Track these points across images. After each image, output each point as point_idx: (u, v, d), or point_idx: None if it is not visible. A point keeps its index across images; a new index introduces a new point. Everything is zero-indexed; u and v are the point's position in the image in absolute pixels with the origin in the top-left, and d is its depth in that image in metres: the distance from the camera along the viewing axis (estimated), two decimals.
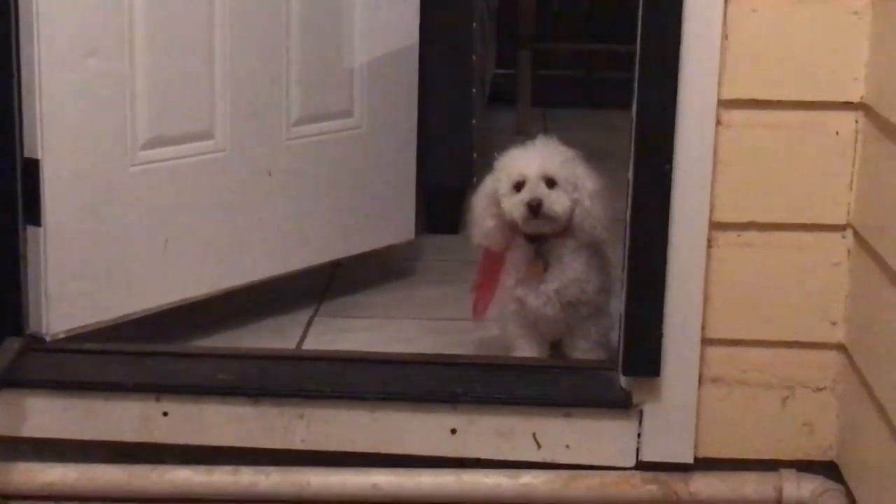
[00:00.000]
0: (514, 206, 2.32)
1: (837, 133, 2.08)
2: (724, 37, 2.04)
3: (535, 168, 2.33)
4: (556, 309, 2.40)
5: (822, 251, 2.12)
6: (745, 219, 2.11)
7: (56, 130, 2.30)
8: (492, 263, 2.46)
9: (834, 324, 2.14)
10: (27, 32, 2.23)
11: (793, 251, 2.12)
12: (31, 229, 2.30)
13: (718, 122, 2.07)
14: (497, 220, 2.38)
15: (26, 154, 2.27)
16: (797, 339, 2.15)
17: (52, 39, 2.27)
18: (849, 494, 2.12)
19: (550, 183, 2.32)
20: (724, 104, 2.07)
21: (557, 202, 2.31)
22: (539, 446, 2.22)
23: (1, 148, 2.23)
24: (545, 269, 2.39)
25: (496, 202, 2.37)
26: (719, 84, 2.06)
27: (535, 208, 2.30)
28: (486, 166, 2.46)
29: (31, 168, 2.28)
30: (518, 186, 2.33)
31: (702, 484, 2.19)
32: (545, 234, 2.38)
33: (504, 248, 2.42)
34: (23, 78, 2.24)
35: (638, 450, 2.20)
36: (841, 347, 2.14)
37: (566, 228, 2.37)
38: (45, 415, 2.25)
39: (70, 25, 2.30)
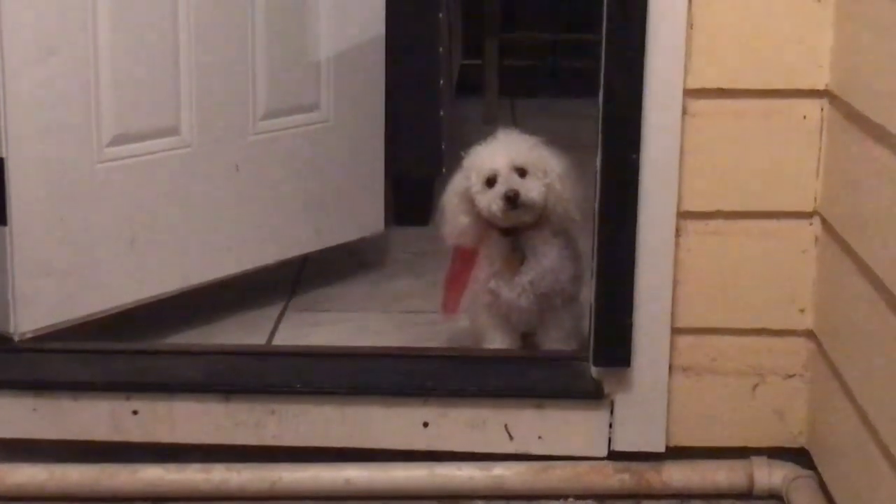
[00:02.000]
0: (491, 200, 2.32)
1: (803, 121, 2.08)
2: (690, 26, 2.05)
3: (505, 160, 2.33)
4: (531, 300, 2.40)
5: (789, 239, 2.13)
6: (712, 207, 2.12)
7: (21, 128, 2.28)
8: (463, 261, 2.46)
9: (802, 311, 2.15)
10: None
11: (760, 239, 2.13)
12: None
13: (685, 112, 2.08)
14: (471, 218, 2.38)
15: None
16: (766, 326, 2.16)
17: (14, 37, 2.25)
18: (820, 481, 2.13)
19: (522, 172, 2.33)
20: (690, 93, 2.07)
21: (533, 189, 2.32)
22: (511, 438, 2.22)
23: None
24: (522, 262, 2.39)
25: (468, 200, 2.37)
26: (685, 73, 2.06)
27: (513, 199, 2.30)
28: (455, 157, 2.46)
29: None
30: (490, 181, 2.33)
31: (674, 472, 2.20)
32: (520, 227, 2.38)
33: (477, 245, 2.42)
34: None
35: (610, 439, 2.21)
36: (810, 334, 2.15)
37: (540, 218, 2.37)
38: (14, 415, 2.23)
39: (32, 23, 2.28)
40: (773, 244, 2.13)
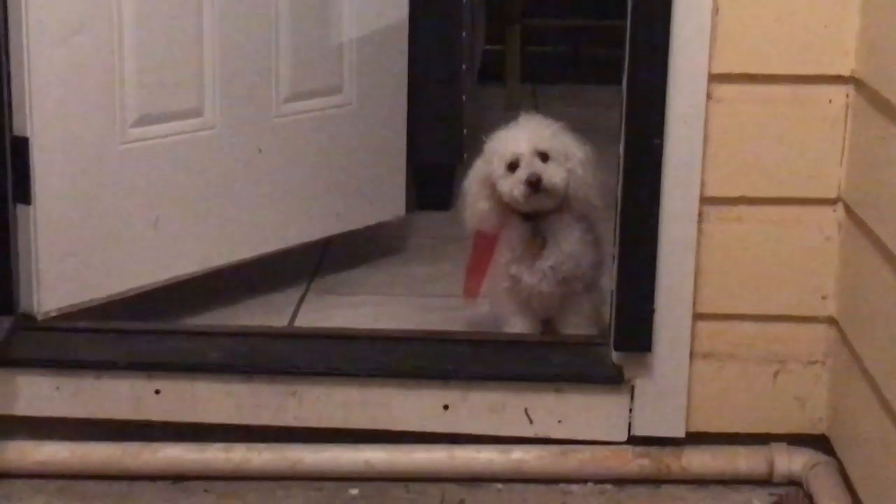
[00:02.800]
0: (514, 185, 2.32)
1: (828, 107, 2.08)
2: (715, 11, 2.04)
3: (527, 145, 2.33)
4: (552, 285, 2.40)
5: (812, 225, 2.12)
6: (735, 193, 2.11)
7: (45, 108, 2.29)
8: (484, 247, 2.46)
9: (825, 298, 2.14)
10: (15, 10, 2.22)
11: (784, 225, 2.12)
12: (20, 207, 2.29)
13: (709, 97, 2.07)
14: (491, 203, 2.38)
15: (15, 132, 2.26)
16: (788, 313, 2.16)
17: (40, 17, 2.25)
18: (840, 467, 2.13)
19: (544, 157, 2.33)
20: (715, 78, 2.07)
21: (555, 175, 2.32)
22: (531, 421, 2.22)
23: None
24: (543, 247, 2.39)
25: (489, 185, 2.37)
26: (710, 58, 2.06)
27: (535, 184, 2.30)
28: (476, 143, 2.46)
29: (21, 146, 2.27)
30: (512, 166, 2.33)
31: (693, 458, 2.20)
32: (541, 212, 2.38)
33: (498, 231, 2.42)
34: (11, 55, 2.23)
35: (630, 424, 2.21)
36: (832, 321, 2.15)
37: (561, 203, 2.37)
38: (37, 393, 2.25)
39: (58, 2, 2.28)
40: (797, 231, 2.12)
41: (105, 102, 2.40)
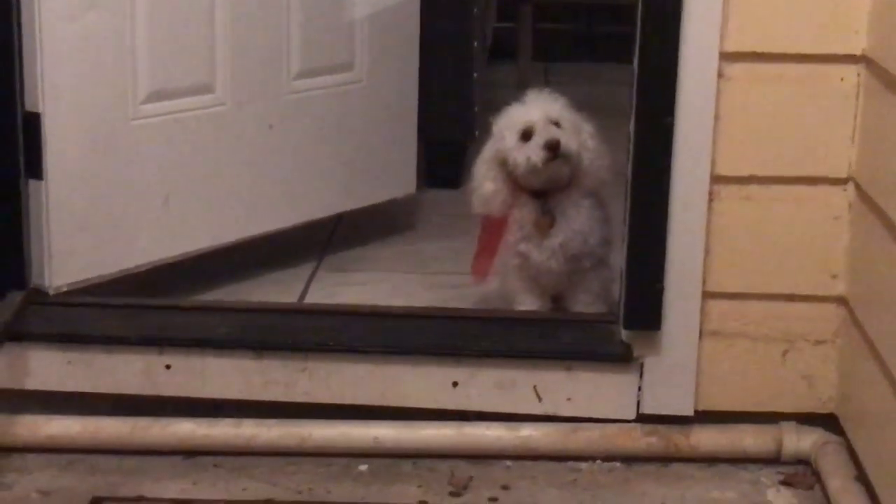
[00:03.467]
0: (530, 151, 2.31)
1: (839, 86, 2.07)
2: None
3: (541, 113, 2.33)
4: (560, 262, 2.41)
5: (823, 204, 2.12)
6: (746, 172, 2.11)
7: (57, 84, 2.29)
8: (493, 228, 2.46)
9: (834, 277, 2.14)
10: None
11: (794, 204, 2.12)
12: (32, 183, 2.30)
13: (720, 75, 2.07)
14: (499, 184, 2.38)
15: (27, 107, 2.27)
16: (798, 292, 2.16)
17: None
18: (848, 446, 2.14)
19: (557, 125, 2.33)
20: (726, 57, 2.06)
21: (570, 141, 2.32)
22: (540, 399, 2.23)
23: (2, 101, 2.22)
24: (552, 225, 2.39)
25: (497, 165, 2.37)
26: (721, 37, 2.05)
27: (554, 148, 2.30)
28: (488, 121, 2.46)
29: (32, 121, 2.27)
30: (526, 135, 2.33)
31: (702, 436, 2.20)
32: (551, 189, 2.38)
33: (504, 214, 2.42)
34: (24, 31, 2.23)
35: (638, 402, 2.21)
36: (841, 300, 2.15)
37: (570, 180, 2.37)
38: (48, 368, 2.26)
39: None
40: (807, 210, 2.12)
41: (117, 78, 2.41)
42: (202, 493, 2.10)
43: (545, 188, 2.38)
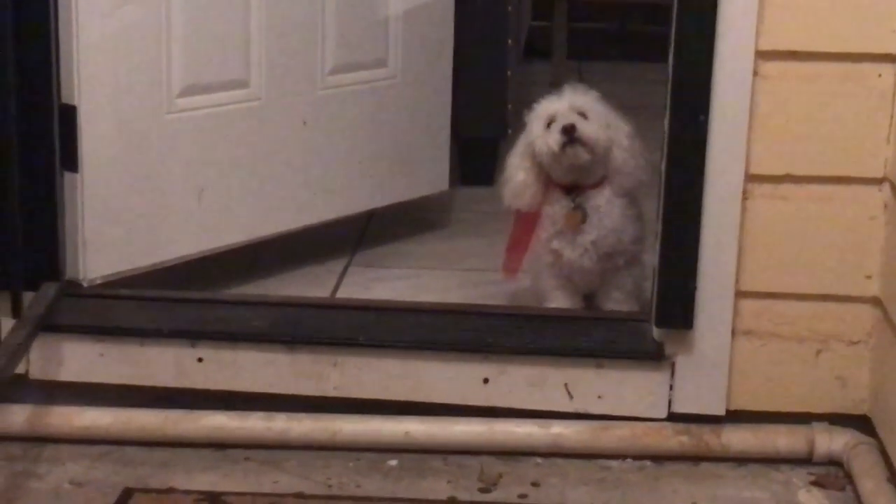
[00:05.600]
0: (550, 135, 2.32)
1: (875, 86, 2.06)
2: None
3: (567, 103, 2.34)
4: (593, 260, 2.40)
5: (857, 204, 2.11)
6: (780, 171, 2.10)
7: (93, 77, 2.31)
8: (525, 222, 2.46)
9: (869, 277, 2.13)
10: None
11: (828, 204, 2.11)
12: (68, 175, 2.31)
13: (755, 74, 2.06)
14: (529, 176, 2.38)
15: (64, 100, 2.28)
16: (831, 292, 2.15)
17: None
18: (881, 448, 2.12)
19: (582, 115, 2.32)
20: (762, 55, 2.06)
21: (590, 127, 2.31)
22: (571, 396, 2.23)
23: (39, 94, 2.23)
24: (583, 221, 2.39)
25: (528, 156, 2.37)
26: (757, 35, 2.04)
27: (569, 131, 2.30)
28: (521, 118, 2.46)
29: (69, 114, 2.29)
30: (549, 123, 2.33)
31: (733, 436, 2.19)
32: (582, 185, 2.37)
33: (535, 208, 2.42)
34: (60, 24, 2.24)
35: (670, 401, 2.21)
36: (875, 301, 2.14)
37: (604, 177, 2.37)
38: (81, 359, 2.27)
39: None
40: (841, 210, 2.11)
41: (152, 72, 2.42)
42: (233, 486, 2.11)
43: (574, 181, 2.38)
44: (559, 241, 2.42)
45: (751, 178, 2.10)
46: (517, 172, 2.40)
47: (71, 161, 2.31)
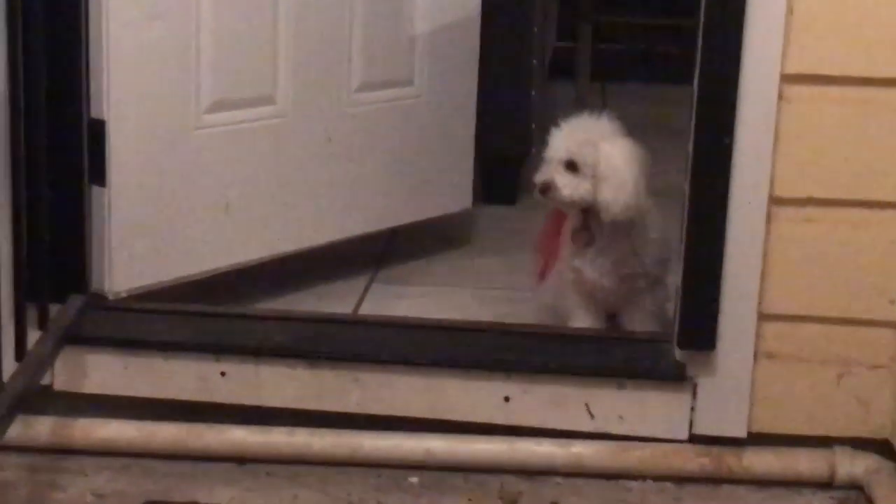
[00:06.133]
0: (537, 176, 2.36)
1: None
2: (789, 11, 2.03)
3: (556, 151, 2.35)
4: (614, 281, 2.41)
5: (882, 228, 2.11)
6: (804, 194, 2.10)
7: (122, 92, 2.33)
8: (554, 223, 2.47)
9: (892, 302, 2.13)
10: None
11: (852, 228, 2.11)
12: (95, 189, 2.33)
13: (780, 97, 2.07)
14: None
15: (93, 115, 2.30)
16: (854, 316, 2.14)
17: (119, 2, 2.29)
18: None
19: (571, 166, 2.33)
20: (787, 79, 2.06)
21: (567, 187, 2.33)
22: (592, 416, 2.23)
23: (68, 108, 2.25)
24: (591, 242, 2.39)
25: None
26: (782, 58, 2.05)
27: (543, 191, 2.35)
28: (544, 138, 2.46)
29: (97, 128, 2.31)
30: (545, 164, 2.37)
31: (755, 459, 2.19)
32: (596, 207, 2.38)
33: (563, 215, 2.43)
34: (90, 39, 2.26)
35: (691, 423, 2.20)
36: None
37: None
38: (106, 372, 2.29)
39: None
40: (865, 234, 2.11)
41: (181, 88, 2.44)
42: (254, 500, 2.12)
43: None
44: (580, 259, 2.43)
45: (775, 200, 2.10)
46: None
47: (99, 175, 2.32)
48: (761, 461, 2.19)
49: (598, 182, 2.32)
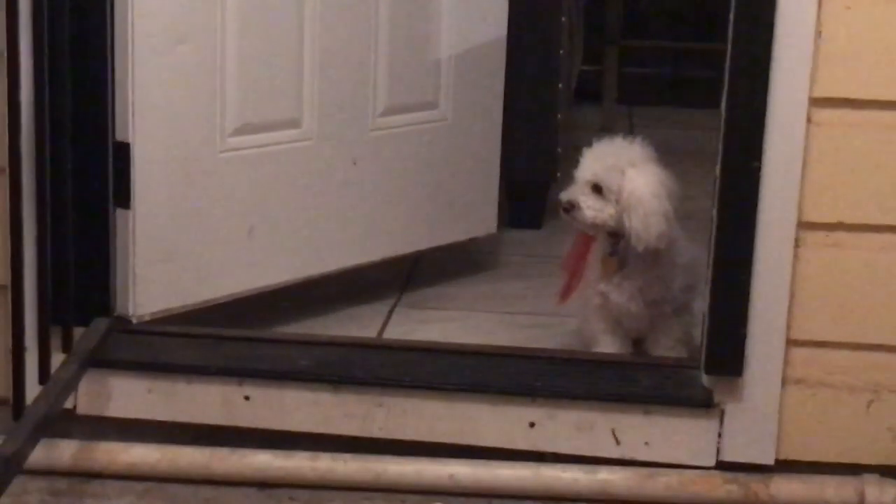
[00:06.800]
0: (564, 194, 2.36)
1: None
2: (818, 34, 2.02)
3: (584, 172, 2.35)
4: (640, 306, 2.39)
5: None
6: (833, 219, 2.09)
7: (147, 115, 2.33)
8: (584, 245, 2.46)
9: None
10: (122, 18, 2.26)
11: (882, 253, 2.09)
12: (120, 212, 2.33)
13: (809, 121, 2.05)
14: None
15: (118, 137, 2.30)
16: (883, 342, 2.12)
17: (145, 25, 2.29)
18: None
19: (597, 189, 2.32)
20: (816, 102, 2.05)
21: (591, 209, 2.33)
22: (618, 442, 2.21)
23: (93, 131, 2.25)
24: (620, 268, 2.38)
25: None
26: (811, 82, 2.04)
27: (566, 210, 2.34)
28: (570, 162, 2.45)
29: (122, 151, 2.31)
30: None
31: (782, 486, 2.17)
32: (623, 232, 2.37)
33: (591, 236, 2.42)
34: (116, 63, 2.27)
35: (718, 449, 2.18)
36: None
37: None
38: (130, 395, 2.28)
39: (163, 12, 2.33)
40: (895, 259, 2.09)
41: (206, 111, 2.44)
42: None
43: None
44: (606, 284, 2.41)
45: (803, 225, 2.09)
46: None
47: (124, 198, 2.32)
48: (789, 489, 2.17)
49: (624, 210, 2.31)
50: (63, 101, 2.18)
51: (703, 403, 2.17)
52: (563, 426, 2.21)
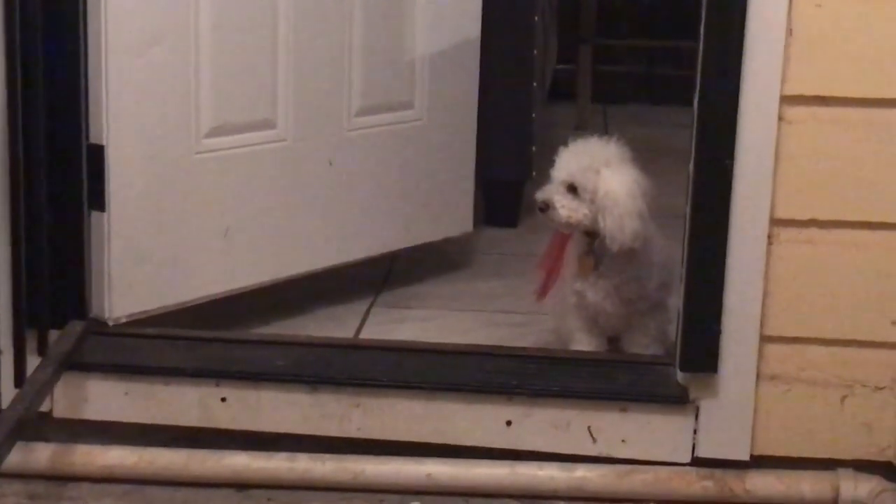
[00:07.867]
0: (539, 193, 2.37)
1: None
2: (789, 32, 2.03)
3: (559, 172, 2.36)
4: (616, 304, 2.40)
5: (884, 250, 2.10)
6: (806, 216, 2.10)
7: (121, 117, 2.32)
8: (558, 242, 2.47)
9: (895, 323, 2.12)
10: (95, 20, 2.26)
11: (854, 249, 2.10)
12: (95, 214, 2.32)
13: (781, 118, 2.06)
14: None
15: (92, 140, 2.30)
16: (857, 337, 2.14)
17: (118, 27, 2.29)
18: None
19: (572, 188, 2.33)
20: (787, 100, 2.06)
21: (566, 209, 2.33)
22: (594, 440, 2.22)
23: (67, 133, 2.25)
24: (596, 266, 2.39)
25: None
26: (782, 80, 2.05)
27: (542, 210, 2.36)
28: (545, 161, 2.46)
29: (96, 154, 2.30)
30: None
31: (758, 481, 2.18)
32: (600, 231, 2.37)
33: (567, 235, 2.43)
34: (89, 65, 2.26)
35: (694, 446, 2.20)
36: None
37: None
38: (106, 398, 2.28)
39: (136, 13, 2.32)
40: (867, 255, 2.10)
41: (180, 113, 2.44)
42: None
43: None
44: (582, 282, 2.42)
45: (776, 222, 2.10)
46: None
47: (98, 200, 2.32)
48: (764, 484, 2.18)
49: (599, 210, 2.32)
50: (36, 103, 2.17)
51: (679, 400, 2.18)
52: (539, 424, 2.22)
